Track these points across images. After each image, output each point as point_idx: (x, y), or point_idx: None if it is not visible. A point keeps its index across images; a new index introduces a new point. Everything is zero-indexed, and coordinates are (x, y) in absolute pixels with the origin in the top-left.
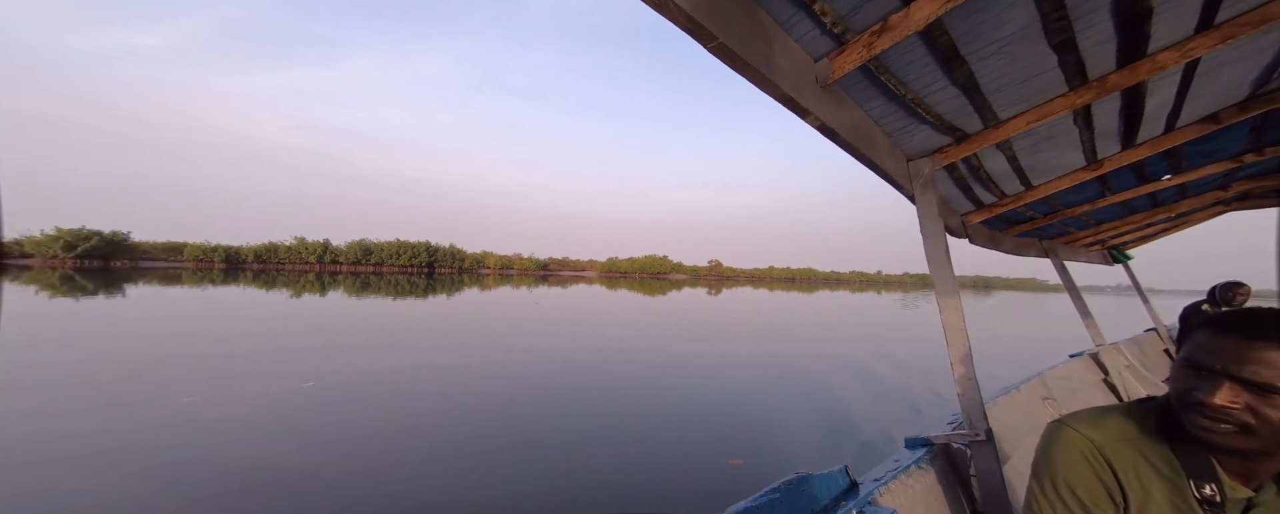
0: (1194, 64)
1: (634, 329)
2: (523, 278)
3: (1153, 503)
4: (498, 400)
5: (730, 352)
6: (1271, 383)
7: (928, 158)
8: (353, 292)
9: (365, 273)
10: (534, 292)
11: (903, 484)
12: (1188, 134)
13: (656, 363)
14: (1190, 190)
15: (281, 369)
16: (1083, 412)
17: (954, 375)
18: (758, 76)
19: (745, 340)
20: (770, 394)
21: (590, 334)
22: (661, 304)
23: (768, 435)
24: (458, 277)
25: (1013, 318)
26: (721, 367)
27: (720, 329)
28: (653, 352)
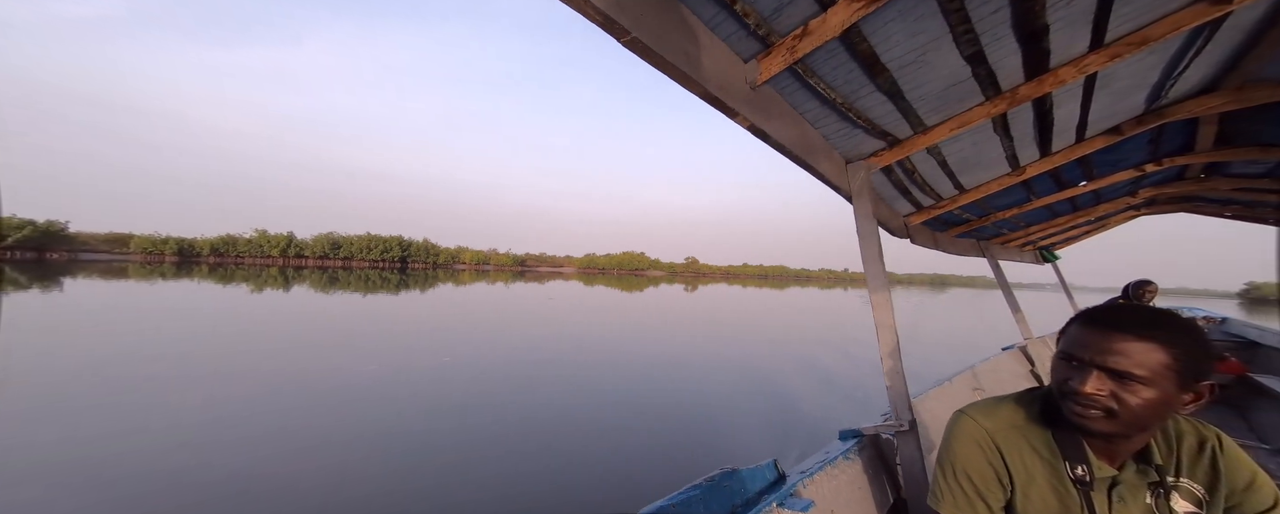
0: (1093, 79)
1: (646, 328)
2: (500, 273)
3: (1034, 484)
4: (500, 396)
5: (703, 349)
6: (1129, 371)
7: (864, 161)
8: (320, 287)
9: (333, 267)
10: (544, 286)
11: (828, 475)
12: (1096, 144)
13: (640, 361)
14: (1104, 196)
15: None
16: (981, 402)
17: (883, 369)
18: (679, 74)
19: (718, 338)
20: (733, 390)
21: (604, 330)
22: (652, 301)
23: (725, 430)
24: (432, 272)
25: (962, 313)
26: (691, 365)
27: (697, 326)
28: (652, 351)
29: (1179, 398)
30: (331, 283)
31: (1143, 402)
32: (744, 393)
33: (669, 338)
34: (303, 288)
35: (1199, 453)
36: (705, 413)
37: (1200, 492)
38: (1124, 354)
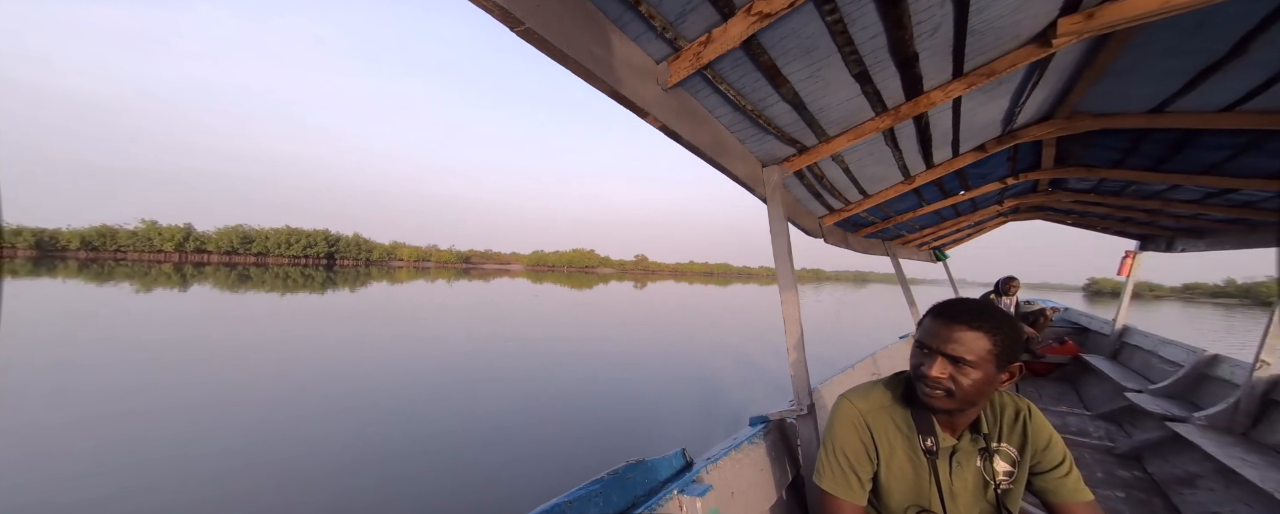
0: (959, 103)
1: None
2: (442, 271)
3: (896, 456)
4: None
5: (640, 345)
6: (963, 356)
7: (777, 166)
8: (227, 286)
9: (244, 264)
10: (490, 284)
11: (732, 460)
12: (967, 159)
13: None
14: (978, 203)
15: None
16: (860, 386)
17: (789, 359)
18: (582, 70)
19: (655, 336)
20: (664, 383)
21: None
22: (597, 298)
23: (651, 423)
24: (364, 269)
25: (877, 305)
26: (624, 360)
27: (637, 322)
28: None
29: (998, 377)
30: (241, 282)
31: (973, 381)
32: (675, 385)
33: (606, 335)
34: (204, 287)
35: (1015, 421)
36: (634, 407)
37: (1015, 453)
38: (959, 342)
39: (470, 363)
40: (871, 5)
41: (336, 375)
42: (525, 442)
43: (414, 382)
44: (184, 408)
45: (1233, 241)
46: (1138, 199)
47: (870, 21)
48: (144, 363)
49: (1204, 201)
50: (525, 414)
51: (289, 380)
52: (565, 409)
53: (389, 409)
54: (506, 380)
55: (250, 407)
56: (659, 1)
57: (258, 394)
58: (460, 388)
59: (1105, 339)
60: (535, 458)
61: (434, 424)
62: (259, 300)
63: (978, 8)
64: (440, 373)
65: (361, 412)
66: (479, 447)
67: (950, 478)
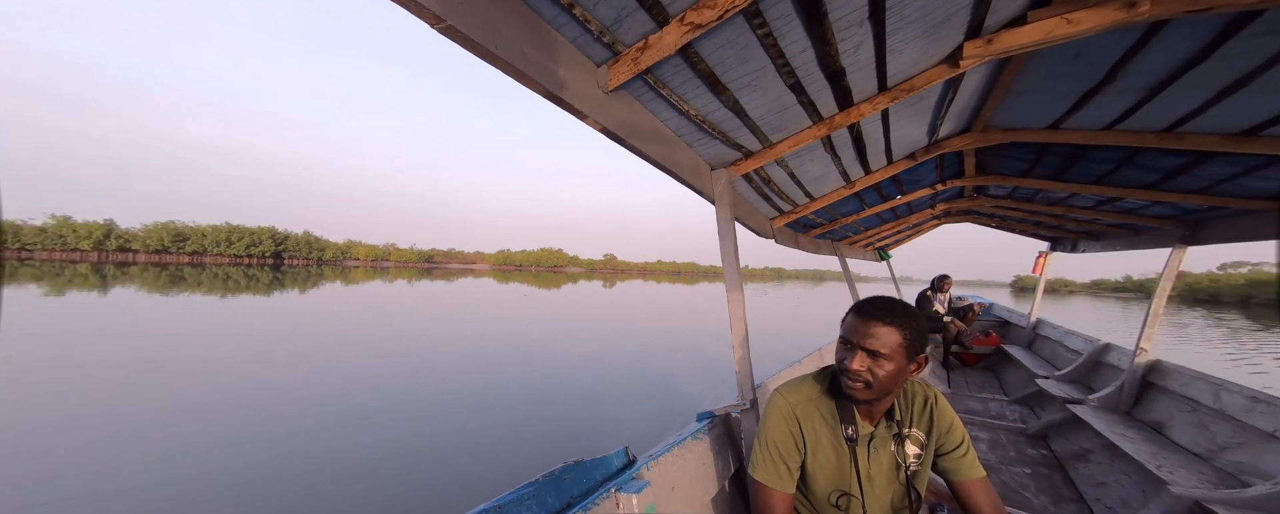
0: (887, 114)
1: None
2: (402, 271)
3: (821, 445)
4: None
5: (602, 343)
6: (879, 350)
7: (725, 169)
8: (155, 288)
9: (177, 264)
10: (453, 284)
11: (675, 455)
12: (901, 166)
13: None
14: (914, 207)
15: None
16: (792, 380)
17: (734, 355)
18: (513, 70)
19: (619, 333)
20: (623, 381)
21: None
22: (563, 298)
23: (608, 422)
24: (316, 269)
25: (832, 302)
26: (585, 358)
27: (604, 320)
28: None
29: (908, 367)
30: (172, 284)
31: (888, 372)
32: (634, 384)
33: (567, 334)
34: (127, 290)
35: (923, 408)
36: (593, 407)
37: (923, 437)
38: (876, 337)
39: (417, 365)
40: (797, 21)
41: (270, 380)
42: (472, 446)
43: (354, 385)
44: (91, 420)
45: (1122, 243)
46: (1045, 205)
47: (798, 36)
48: (51, 374)
49: (1097, 208)
50: (474, 417)
51: (218, 387)
52: (518, 411)
53: (326, 415)
54: (455, 382)
55: (170, 415)
56: (593, 6)
57: (181, 400)
58: (404, 391)
59: (1022, 331)
60: (482, 463)
61: (372, 430)
62: (189, 303)
63: (893, 28)
64: (384, 376)
65: (294, 419)
66: (420, 453)
67: (868, 463)
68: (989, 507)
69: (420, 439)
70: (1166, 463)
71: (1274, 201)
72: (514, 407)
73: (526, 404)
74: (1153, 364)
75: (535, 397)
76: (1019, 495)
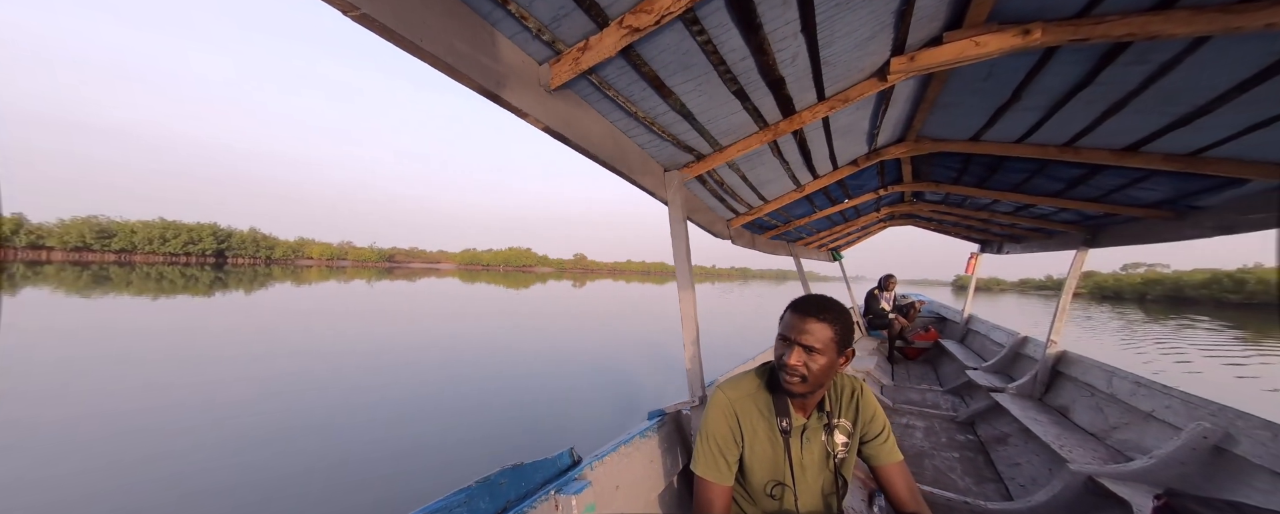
0: (828, 123)
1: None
2: (361, 271)
3: (758, 438)
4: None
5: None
6: (813, 346)
7: (677, 171)
8: (73, 289)
9: (102, 263)
10: (415, 285)
11: (622, 454)
12: (845, 172)
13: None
14: (861, 210)
15: None
16: (733, 376)
17: (685, 354)
18: (443, 65)
19: (582, 331)
20: (580, 382)
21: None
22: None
23: (563, 424)
24: (263, 268)
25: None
26: (541, 358)
27: (568, 319)
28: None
29: (838, 361)
30: (95, 284)
31: (821, 366)
32: (594, 383)
33: (530, 334)
34: (38, 292)
35: (851, 399)
36: (552, 408)
37: (850, 426)
38: (810, 332)
39: (361, 368)
40: (735, 30)
41: (195, 385)
42: (412, 454)
43: (284, 391)
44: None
45: (1038, 246)
46: (973, 210)
47: (737, 44)
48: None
49: (1016, 213)
50: (415, 423)
51: (139, 393)
52: (470, 415)
53: (253, 423)
54: (401, 386)
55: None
56: (530, 4)
57: (89, 407)
58: (344, 396)
59: (957, 326)
60: (418, 475)
61: (301, 440)
62: (107, 304)
63: (825, 41)
64: (319, 381)
65: (215, 427)
66: (350, 464)
67: (801, 453)
68: (904, 488)
69: (350, 449)
70: (1068, 442)
71: (1155, 210)
72: (465, 411)
73: (479, 408)
74: (1061, 354)
75: (490, 400)
76: (947, 478)
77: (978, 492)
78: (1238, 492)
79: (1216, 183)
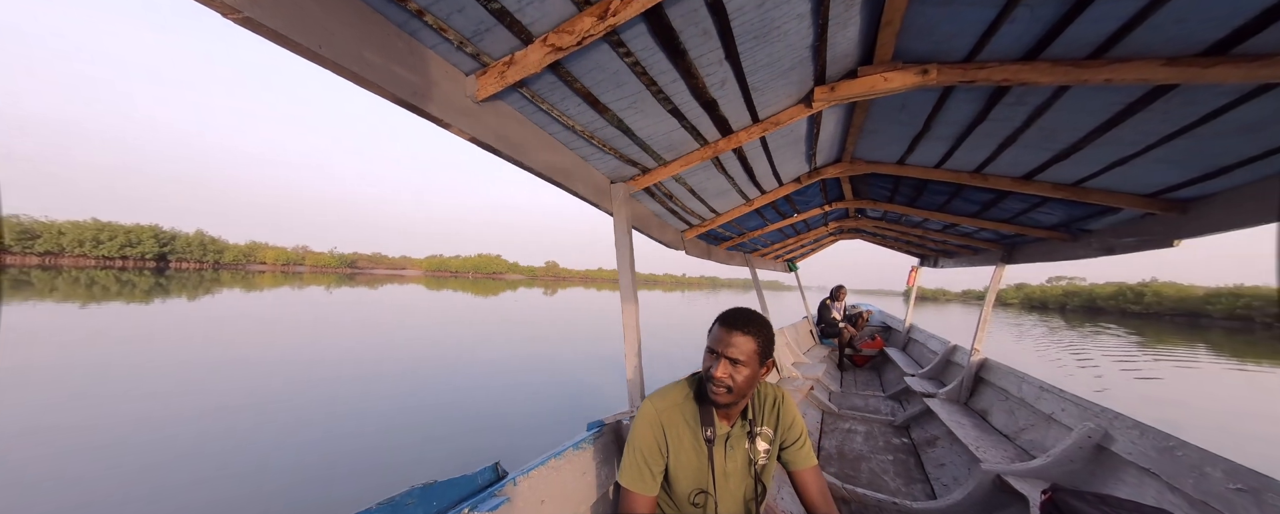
0: (767, 142)
1: None
2: (320, 277)
3: (683, 448)
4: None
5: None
6: (738, 358)
7: (623, 183)
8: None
9: (22, 266)
10: (376, 292)
11: (552, 467)
12: (790, 188)
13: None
14: (811, 224)
15: None
16: (663, 387)
17: (626, 364)
18: (346, 72)
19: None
20: (522, 392)
21: None
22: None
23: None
24: (211, 273)
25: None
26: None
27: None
28: None
29: (760, 371)
30: (15, 288)
31: (745, 378)
32: (547, 393)
33: (487, 341)
34: None
35: (773, 407)
36: (496, 420)
37: (771, 433)
38: (735, 345)
39: (290, 377)
40: (661, 54)
41: (97, 400)
42: (335, 472)
43: (196, 407)
44: None
45: (966, 261)
46: (909, 227)
47: (665, 68)
48: None
49: (944, 231)
50: (347, 437)
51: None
52: (405, 428)
53: (151, 442)
54: (336, 396)
55: None
56: (448, 16)
57: None
58: (265, 406)
59: (899, 335)
60: (346, 493)
61: (206, 461)
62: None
63: (750, 69)
64: (245, 394)
65: (110, 449)
66: (274, 483)
67: (724, 461)
68: (817, 492)
69: (261, 468)
70: (984, 444)
71: (1053, 232)
72: (399, 425)
73: (414, 422)
74: (982, 361)
75: (430, 413)
76: (881, 479)
77: (906, 492)
78: (1112, 486)
79: (1098, 210)
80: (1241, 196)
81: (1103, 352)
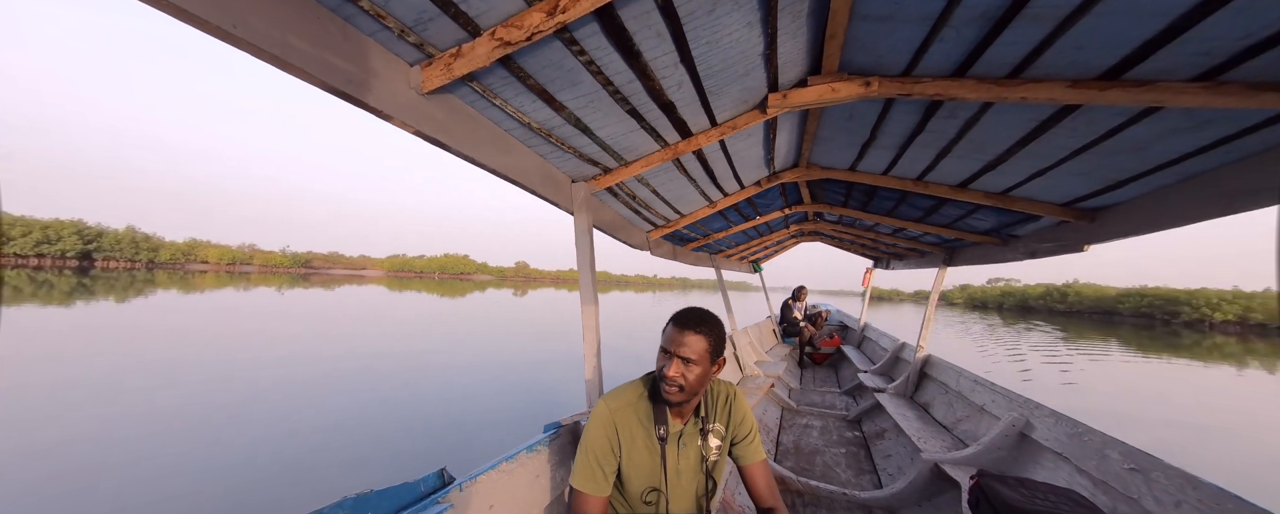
0: (725, 145)
1: None
2: (270, 277)
3: (636, 447)
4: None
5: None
6: (690, 357)
7: (584, 182)
8: None
9: None
10: (334, 293)
11: (503, 471)
12: (751, 191)
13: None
14: (773, 227)
15: None
16: (618, 387)
17: (585, 365)
18: (272, 58)
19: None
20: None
21: None
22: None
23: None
24: (144, 273)
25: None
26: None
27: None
28: None
29: (711, 370)
30: None
31: (697, 376)
32: (513, 396)
33: (442, 345)
34: None
35: (725, 403)
36: (450, 426)
37: (723, 429)
38: (687, 345)
39: (231, 378)
40: (616, 54)
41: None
42: (279, 480)
43: (131, 413)
44: None
45: (914, 263)
46: (863, 231)
47: (620, 68)
48: None
49: (894, 235)
50: (290, 441)
51: None
52: (359, 432)
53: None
54: (278, 401)
55: None
56: (385, 3)
57: None
58: (207, 413)
59: (855, 334)
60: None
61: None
62: None
63: (705, 73)
64: (176, 401)
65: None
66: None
67: (677, 459)
68: (764, 485)
69: (200, 478)
70: (925, 435)
71: (987, 237)
72: (352, 429)
73: (372, 427)
74: (927, 358)
75: (375, 421)
76: (833, 472)
77: (856, 483)
78: (1032, 470)
79: (1022, 217)
80: (1138, 207)
81: (1031, 346)
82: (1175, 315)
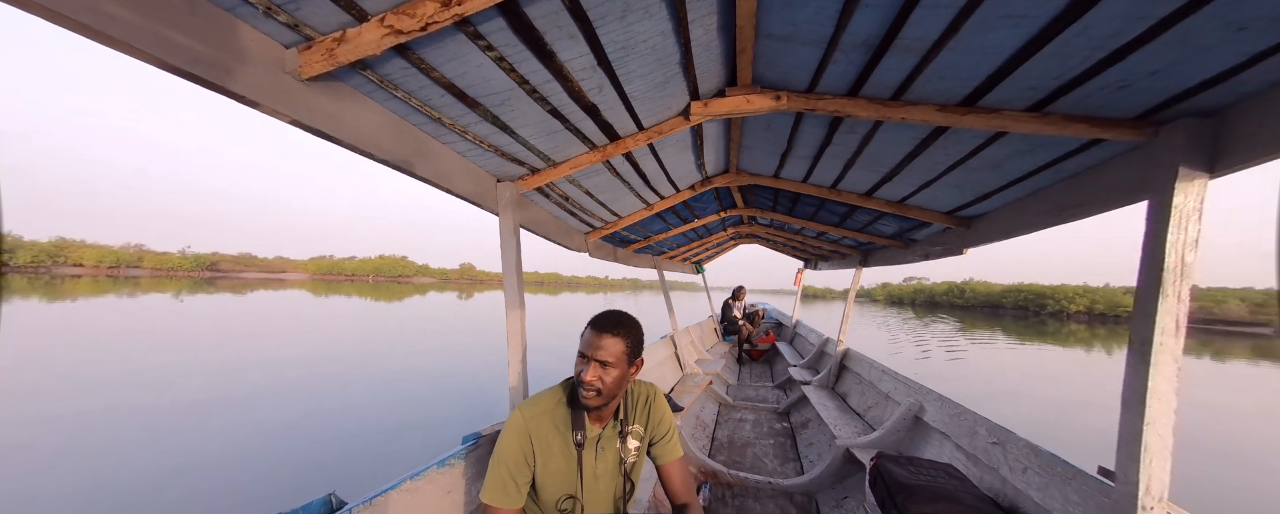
0: (656, 148)
1: None
2: (166, 282)
3: (552, 455)
4: None
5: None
6: (607, 360)
7: (510, 183)
8: None
9: None
10: (244, 299)
11: (405, 490)
12: (686, 194)
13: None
14: (711, 229)
15: None
16: (535, 395)
17: (510, 371)
18: (92, 32)
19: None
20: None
21: None
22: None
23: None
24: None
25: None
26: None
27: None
28: None
29: (629, 371)
30: None
31: (614, 379)
32: (437, 406)
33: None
34: None
35: (645, 404)
36: (357, 443)
37: (642, 430)
38: (604, 348)
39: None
40: (529, 53)
41: None
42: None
43: None
44: None
45: (838, 264)
46: (792, 234)
47: (536, 68)
48: None
49: (819, 238)
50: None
51: None
52: (239, 457)
53: None
54: (148, 421)
55: None
56: None
57: None
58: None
59: (788, 330)
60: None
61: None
62: None
63: (625, 78)
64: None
65: None
66: None
67: (595, 463)
68: (680, 482)
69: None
70: (840, 422)
71: (892, 241)
72: (228, 458)
73: (244, 453)
74: (846, 351)
75: (264, 441)
76: (762, 462)
77: (780, 471)
78: (923, 449)
79: (917, 223)
80: (1000, 216)
81: (934, 337)
82: (1043, 307)
